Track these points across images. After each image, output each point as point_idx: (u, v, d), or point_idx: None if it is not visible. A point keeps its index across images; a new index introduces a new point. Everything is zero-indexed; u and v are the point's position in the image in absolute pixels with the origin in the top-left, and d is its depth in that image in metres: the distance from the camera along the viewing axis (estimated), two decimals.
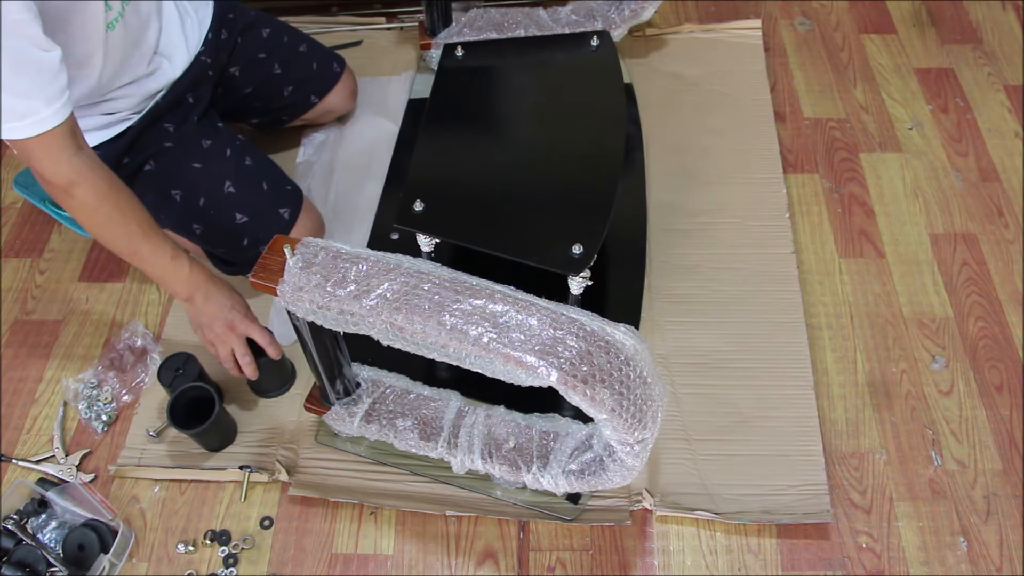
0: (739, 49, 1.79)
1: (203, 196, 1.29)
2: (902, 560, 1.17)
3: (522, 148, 1.33)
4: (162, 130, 1.27)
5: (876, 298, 1.43)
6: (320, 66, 1.54)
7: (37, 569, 1.13)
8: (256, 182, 1.34)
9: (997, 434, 1.28)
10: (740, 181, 1.57)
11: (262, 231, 1.33)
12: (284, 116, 1.56)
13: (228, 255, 1.36)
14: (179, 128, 1.29)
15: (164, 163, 1.27)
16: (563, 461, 1.06)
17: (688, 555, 1.18)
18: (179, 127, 1.29)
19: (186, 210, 1.29)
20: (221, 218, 1.30)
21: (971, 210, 1.54)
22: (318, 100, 1.55)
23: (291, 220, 1.35)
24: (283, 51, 1.48)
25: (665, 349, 1.36)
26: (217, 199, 1.29)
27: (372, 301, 0.88)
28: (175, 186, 1.28)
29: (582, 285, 1.19)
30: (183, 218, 1.30)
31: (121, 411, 1.32)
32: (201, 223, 1.30)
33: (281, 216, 1.35)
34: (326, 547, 1.19)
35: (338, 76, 1.56)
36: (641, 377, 0.86)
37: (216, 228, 1.31)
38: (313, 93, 1.54)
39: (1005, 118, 1.68)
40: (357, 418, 1.16)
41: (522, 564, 1.17)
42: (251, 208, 1.32)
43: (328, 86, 1.55)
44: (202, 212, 1.29)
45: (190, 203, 1.28)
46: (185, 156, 1.28)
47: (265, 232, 1.33)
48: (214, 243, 1.33)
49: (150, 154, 1.26)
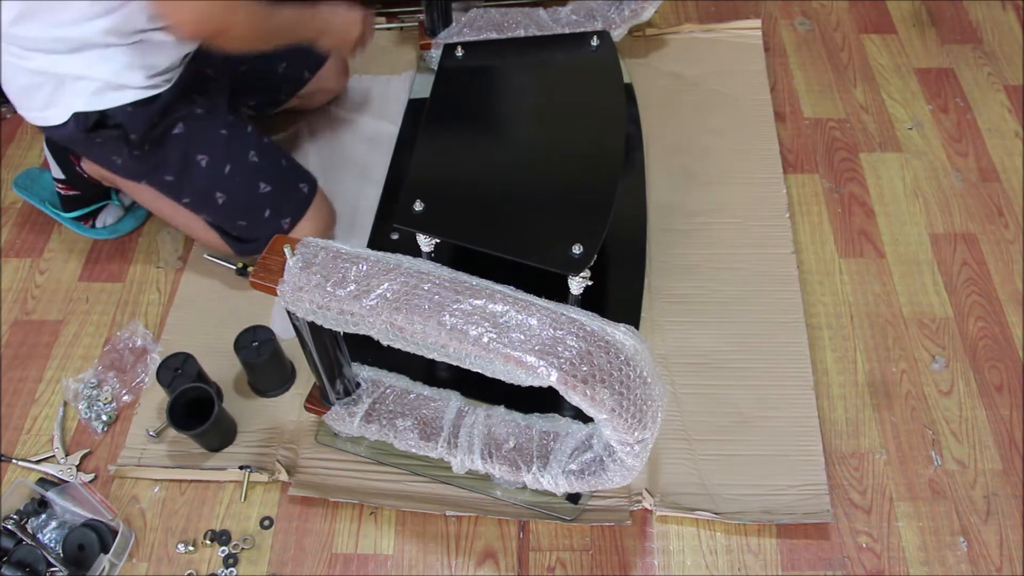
0: (739, 49, 1.79)
1: (229, 162, 1.30)
2: (902, 560, 1.17)
3: (522, 148, 1.33)
4: (192, 100, 1.29)
5: (876, 298, 1.43)
6: None
7: (37, 569, 1.13)
8: (276, 157, 1.37)
9: (997, 434, 1.28)
10: (740, 181, 1.57)
11: (284, 204, 1.35)
12: (280, 96, 1.57)
13: (247, 230, 1.36)
14: (207, 100, 1.31)
15: (193, 127, 1.28)
16: (563, 461, 1.06)
17: (688, 555, 1.18)
18: (207, 99, 1.31)
19: (211, 176, 1.30)
20: (246, 186, 1.32)
21: (971, 210, 1.54)
22: (311, 76, 1.57)
23: (309, 196, 1.39)
24: None
25: (665, 349, 1.36)
26: (243, 166, 1.31)
27: (372, 301, 0.88)
28: (202, 150, 1.29)
29: (582, 285, 1.19)
30: (208, 185, 1.30)
31: (121, 411, 1.32)
32: (225, 191, 1.31)
33: (300, 190, 1.38)
34: (326, 547, 1.19)
35: (328, 52, 1.58)
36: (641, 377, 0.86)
37: (239, 197, 1.32)
38: (306, 68, 1.56)
39: (1005, 118, 1.68)
40: (357, 418, 1.16)
41: (522, 564, 1.17)
42: (274, 178, 1.35)
43: (320, 60, 1.57)
44: (227, 179, 1.30)
45: (216, 169, 1.29)
46: (212, 123, 1.30)
47: (287, 205, 1.35)
48: (235, 214, 1.34)
49: (180, 117, 1.27)
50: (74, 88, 1.17)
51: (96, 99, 1.18)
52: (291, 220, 1.37)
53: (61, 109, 1.19)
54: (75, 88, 1.17)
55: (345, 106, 1.70)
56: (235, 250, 1.40)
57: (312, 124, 1.67)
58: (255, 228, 1.35)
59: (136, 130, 1.21)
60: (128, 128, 1.21)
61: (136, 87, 1.20)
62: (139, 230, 1.54)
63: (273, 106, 1.59)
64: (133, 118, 1.20)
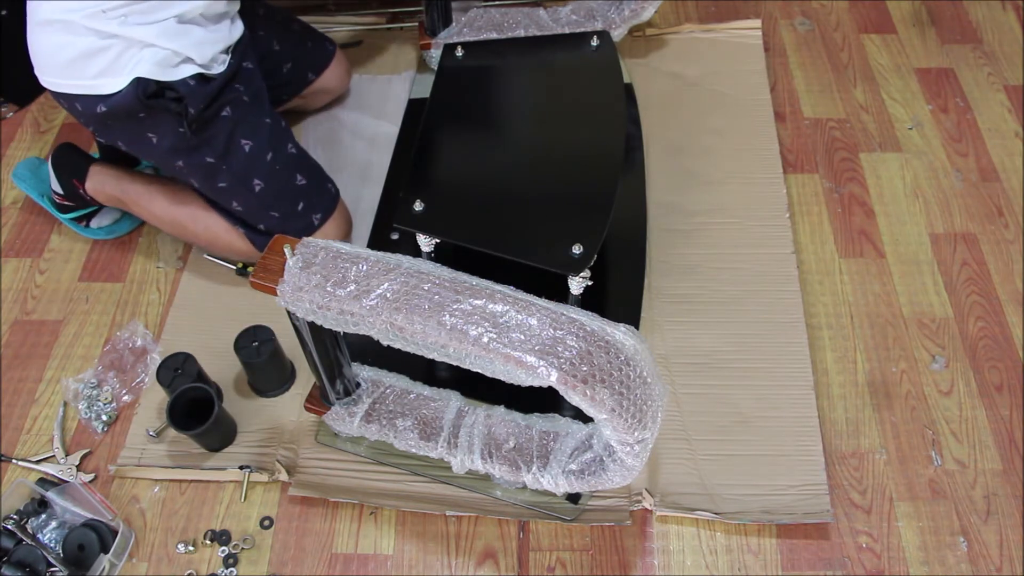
0: (739, 49, 1.79)
1: (271, 151, 1.31)
2: (902, 560, 1.17)
3: (522, 148, 1.33)
4: (237, 89, 1.29)
5: (876, 298, 1.43)
6: (314, 44, 1.58)
7: (37, 569, 1.13)
8: (307, 154, 1.39)
9: (997, 434, 1.28)
10: (740, 181, 1.57)
11: (316, 199, 1.37)
12: (283, 95, 1.57)
13: (278, 222, 1.35)
14: (248, 89, 1.31)
15: (240, 112, 1.29)
16: (563, 461, 1.06)
17: (688, 555, 1.18)
18: (248, 88, 1.31)
19: (252, 162, 1.30)
20: (284, 176, 1.33)
21: (971, 210, 1.54)
22: (315, 77, 1.58)
23: (336, 195, 1.41)
24: (279, 29, 1.51)
25: (665, 349, 1.36)
26: (284, 155, 1.33)
27: (372, 301, 0.88)
28: (247, 135, 1.29)
29: (582, 285, 1.19)
30: (247, 170, 1.30)
31: (121, 411, 1.32)
32: (263, 179, 1.31)
33: (329, 190, 1.40)
34: (326, 547, 1.19)
35: (332, 54, 1.60)
36: (641, 377, 0.86)
37: (277, 186, 1.33)
38: (310, 70, 1.57)
39: (1005, 118, 1.68)
40: (357, 418, 1.16)
41: (522, 564, 1.17)
42: (309, 172, 1.37)
43: (324, 63, 1.58)
44: (267, 166, 1.31)
45: (257, 155, 1.30)
46: (258, 111, 1.32)
47: (319, 201, 1.37)
48: (270, 203, 1.34)
49: (229, 100, 1.27)
50: (141, 55, 1.17)
51: (161, 69, 1.19)
52: (322, 216, 1.38)
53: (121, 77, 1.18)
54: (142, 55, 1.17)
55: (346, 106, 1.70)
56: (258, 246, 1.38)
57: (313, 124, 1.67)
58: (286, 220, 1.35)
59: (196, 104, 1.22)
60: (188, 101, 1.21)
61: (198, 63, 1.21)
62: (139, 230, 1.54)
63: (275, 106, 1.59)
64: (195, 92, 1.21)
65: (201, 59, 1.21)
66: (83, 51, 1.16)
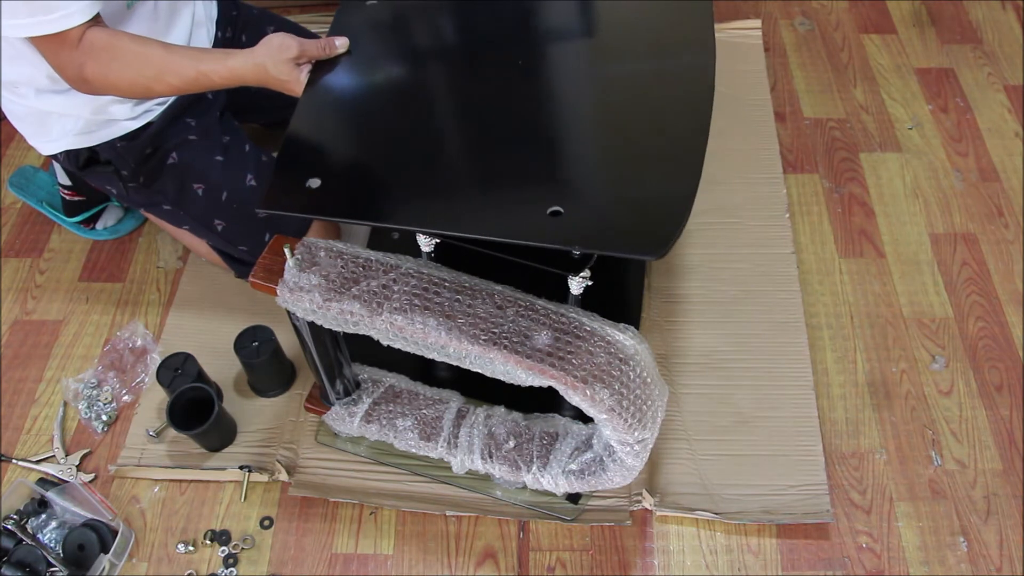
0: (739, 49, 1.78)
1: (226, 190, 1.28)
2: (902, 560, 1.17)
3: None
4: (184, 124, 1.27)
5: (876, 298, 1.43)
6: None
7: (37, 569, 1.13)
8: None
9: (997, 434, 1.28)
10: (740, 181, 1.57)
11: (284, 227, 1.33)
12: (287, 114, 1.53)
13: (249, 253, 1.35)
14: (200, 122, 1.28)
15: (187, 155, 1.26)
16: (563, 461, 1.07)
17: (688, 555, 1.18)
18: (200, 121, 1.28)
19: (209, 204, 1.28)
20: (244, 212, 1.30)
21: (971, 210, 1.54)
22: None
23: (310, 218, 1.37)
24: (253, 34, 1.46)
25: (665, 349, 1.36)
26: (240, 192, 1.29)
27: (372, 301, 0.88)
28: (198, 179, 1.27)
29: (582, 285, 1.19)
30: (206, 213, 1.29)
31: (121, 411, 1.32)
32: (223, 218, 1.30)
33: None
34: (326, 547, 1.19)
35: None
36: (641, 377, 0.86)
37: (238, 223, 1.31)
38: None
39: (1005, 118, 1.68)
40: (357, 418, 1.16)
41: (522, 564, 1.17)
42: None
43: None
44: (224, 206, 1.29)
45: (213, 197, 1.28)
46: (207, 149, 1.28)
47: (288, 227, 1.34)
48: (235, 239, 1.33)
49: (174, 145, 1.25)
50: (62, 126, 1.17)
51: (83, 137, 1.18)
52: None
53: (52, 143, 1.19)
54: (63, 126, 1.17)
55: None
56: (237, 273, 1.39)
57: None
58: (255, 252, 1.33)
59: (126, 166, 1.20)
60: (118, 165, 1.20)
61: (123, 119, 1.19)
62: (139, 230, 1.54)
63: (280, 125, 1.58)
64: (122, 154, 1.19)
65: (124, 114, 1.18)
66: (21, 117, 1.19)
